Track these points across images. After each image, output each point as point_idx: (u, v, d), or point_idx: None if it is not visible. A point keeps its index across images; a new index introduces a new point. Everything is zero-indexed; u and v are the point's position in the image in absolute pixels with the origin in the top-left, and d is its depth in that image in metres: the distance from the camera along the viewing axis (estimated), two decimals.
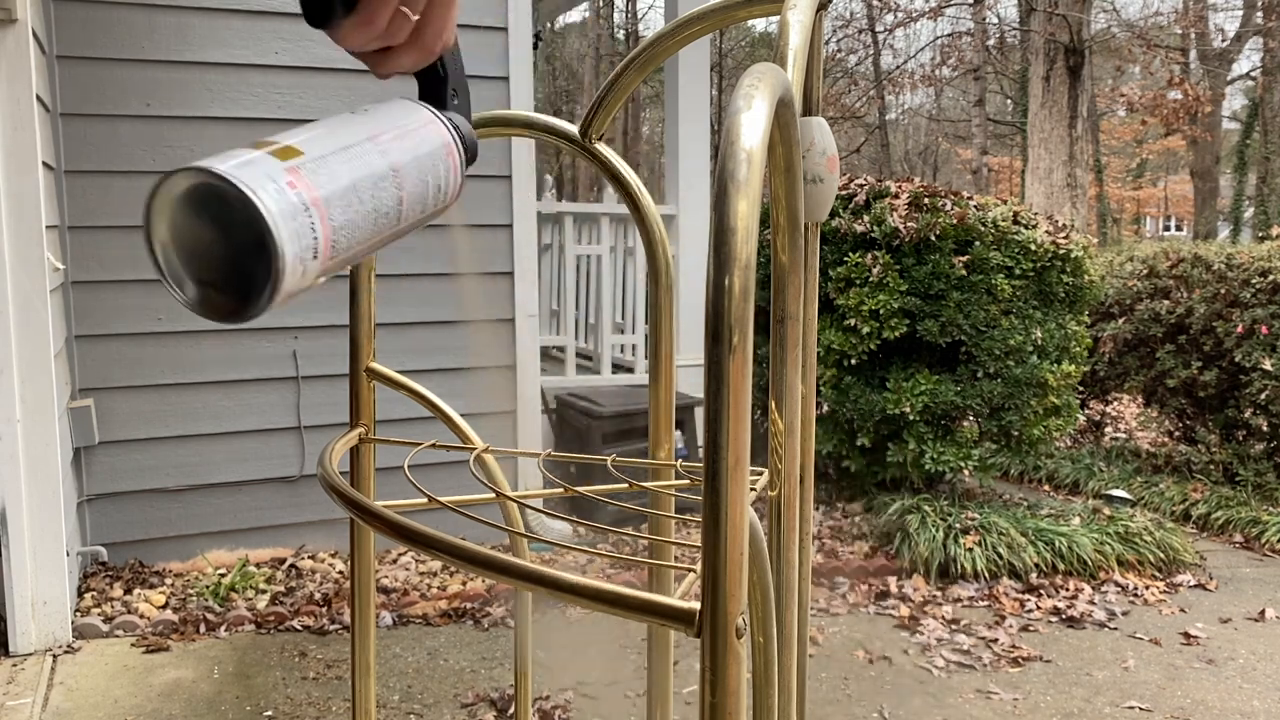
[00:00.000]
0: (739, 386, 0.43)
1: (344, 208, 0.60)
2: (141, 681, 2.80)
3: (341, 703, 2.71)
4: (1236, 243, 12.37)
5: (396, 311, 3.81)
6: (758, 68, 0.48)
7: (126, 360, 3.52)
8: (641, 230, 0.95)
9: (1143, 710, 2.76)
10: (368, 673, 0.99)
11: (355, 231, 0.62)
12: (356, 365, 0.96)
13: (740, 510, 0.43)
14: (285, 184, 0.57)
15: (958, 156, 24.81)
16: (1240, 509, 4.49)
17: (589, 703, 2.73)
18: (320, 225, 0.58)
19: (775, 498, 0.67)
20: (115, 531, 3.56)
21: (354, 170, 0.62)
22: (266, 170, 0.57)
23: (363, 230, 0.62)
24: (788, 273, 0.64)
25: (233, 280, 0.57)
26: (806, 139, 0.76)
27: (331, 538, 3.82)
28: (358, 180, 0.62)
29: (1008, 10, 23.15)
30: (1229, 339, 4.72)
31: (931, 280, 4.04)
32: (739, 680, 0.44)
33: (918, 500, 4.04)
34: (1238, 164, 19.14)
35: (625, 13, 23.74)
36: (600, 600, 0.48)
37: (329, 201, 0.59)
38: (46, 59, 3.29)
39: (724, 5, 0.83)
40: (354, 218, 0.61)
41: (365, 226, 0.63)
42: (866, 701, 2.79)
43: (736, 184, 0.43)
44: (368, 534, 0.98)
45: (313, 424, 3.76)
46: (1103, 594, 3.63)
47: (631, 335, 5.12)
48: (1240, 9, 18.87)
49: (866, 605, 3.51)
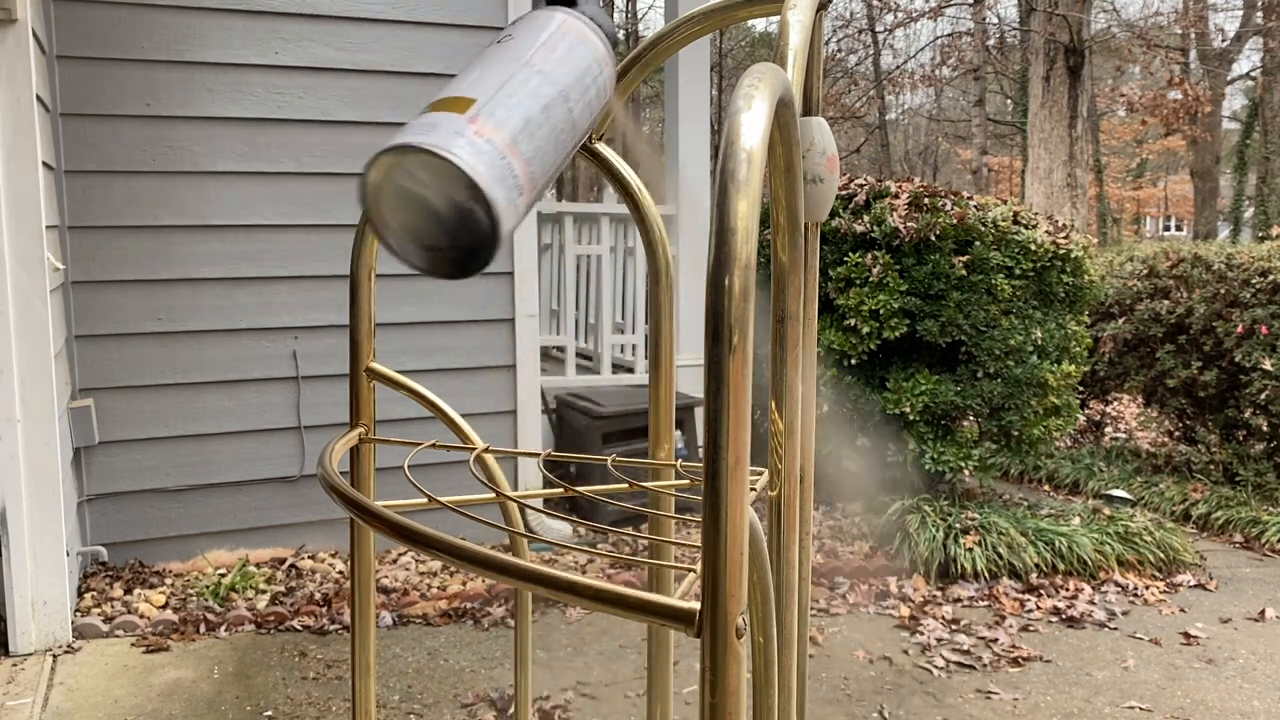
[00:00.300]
0: (739, 386, 0.43)
1: (528, 138, 0.64)
2: (141, 681, 2.80)
3: (341, 703, 2.71)
4: (1236, 243, 12.36)
5: (396, 311, 3.81)
6: (758, 68, 0.48)
7: (126, 360, 3.52)
8: (641, 230, 0.95)
9: (1143, 710, 2.76)
10: (368, 673, 0.99)
11: (545, 156, 0.65)
12: (356, 365, 0.96)
13: (740, 510, 0.43)
14: (473, 135, 0.61)
15: (958, 156, 24.80)
16: (1240, 509, 4.48)
17: (589, 703, 2.73)
18: (516, 163, 0.62)
19: (775, 498, 0.67)
20: (115, 531, 3.56)
21: (525, 102, 0.65)
22: (453, 128, 0.61)
23: (550, 153, 0.66)
24: (788, 273, 0.64)
25: (459, 236, 0.61)
26: (806, 139, 0.76)
27: (331, 538, 3.82)
28: (530, 110, 0.65)
29: (1008, 10, 23.17)
30: (1229, 339, 4.72)
31: (931, 280, 4.04)
32: (739, 680, 0.44)
33: (918, 500, 4.04)
34: (1238, 164, 19.13)
35: (625, 13, 23.73)
36: (600, 600, 0.48)
37: (515, 140, 0.63)
38: (46, 59, 3.29)
39: (724, 5, 0.83)
40: (540, 144, 0.65)
41: (550, 149, 0.66)
42: (866, 701, 2.79)
43: (736, 184, 0.43)
44: (368, 534, 0.98)
45: (313, 424, 3.76)
46: (1103, 594, 3.63)
47: (631, 335, 5.12)
48: (1240, 9, 18.87)
49: (866, 605, 3.51)
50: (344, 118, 3.71)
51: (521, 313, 4.01)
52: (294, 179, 3.67)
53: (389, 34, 3.75)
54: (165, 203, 3.53)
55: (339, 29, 3.70)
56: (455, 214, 0.60)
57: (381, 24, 3.74)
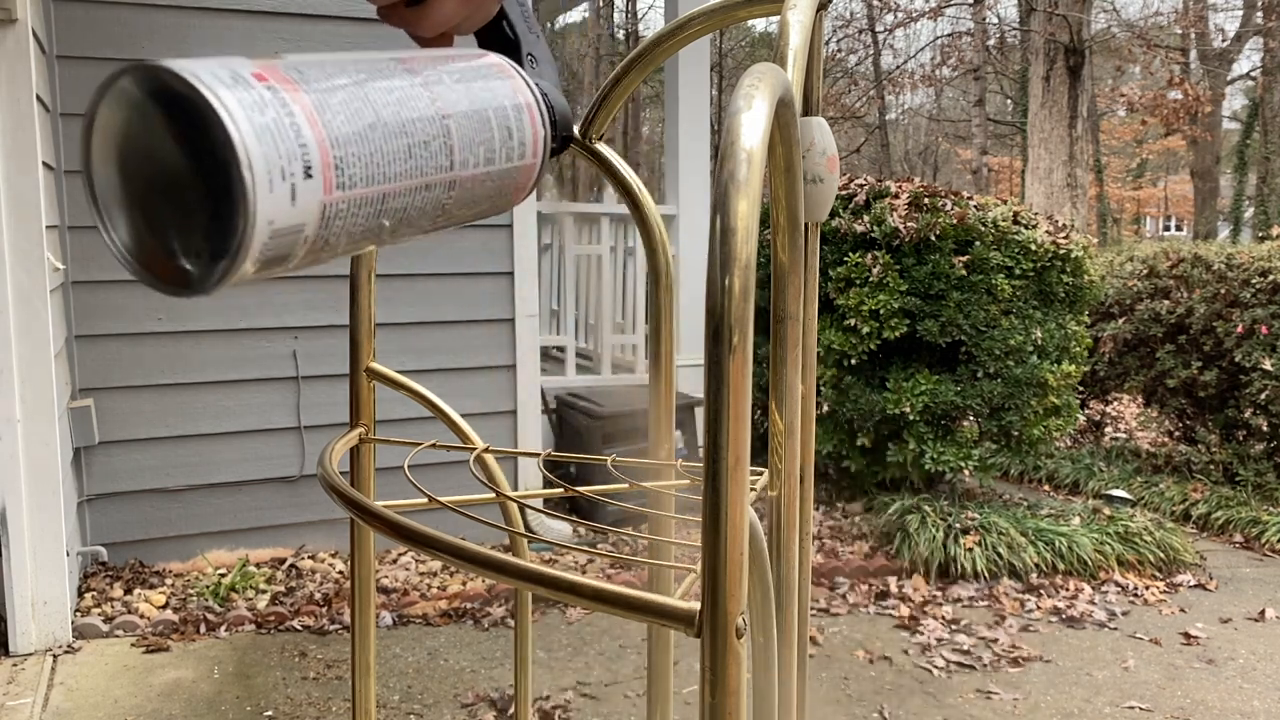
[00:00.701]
0: (739, 386, 0.43)
1: (348, 115, 0.44)
2: (141, 681, 2.80)
3: (341, 703, 2.71)
4: (1236, 243, 12.37)
5: (396, 311, 3.81)
6: (758, 68, 0.48)
7: (126, 360, 3.52)
8: (642, 230, 0.95)
9: (1143, 710, 2.76)
10: (368, 673, 0.99)
11: (377, 156, 0.45)
12: (356, 365, 0.96)
13: (740, 510, 0.43)
14: (249, 74, 0.42)
15: (958, 156, 24.81)
16: (1240, 509, 4.48)
17: (589, 703, 2.73)
18: (307, 126, 0.42)
19: (775, 498, 0.67)
20: (115, 531, 3.56)
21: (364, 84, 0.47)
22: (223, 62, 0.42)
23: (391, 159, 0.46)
24: (788, 273, 0.64)
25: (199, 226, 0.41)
26: (806, 139, 0.76)
27: (331, 538, 3.82)
28: (371, 95, 0.47)
29: (1008, 10, 23.15)
30: (1229, 339, 4.72)
31: (931, 280, 4.04)
32: (739, 680, 0.44)
33: (918, 500, 4.04)
34: (1238, 164, 19.14)
35: (625, 13, 23.74)
36: (600, 600, 0.48)
37: (322, 106, 0.43)
38: (46, 59, 3.29)
39: (724, 5, 0.83)
40: (369, 133, 0.45)
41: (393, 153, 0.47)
42: (866, 701, 2.79)
43: (736, 184, 0.43)
44: (368, 534, 0.98)
45: (313, 424, 3.76)
46: (1103, 594, 3.63)
47: (631, 335, 5.11)
48: (1240, 9, 18.88)
49: (866, 605, 3.51)
50: None
51: (521, 313, 4.01)
52: None
53: (389, 34, 3.73)
54: None
55: (339, 29, 3.69)
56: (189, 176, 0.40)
57: (382, 24, 3.74)
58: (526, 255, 4.01)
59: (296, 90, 0.43)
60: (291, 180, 0.41)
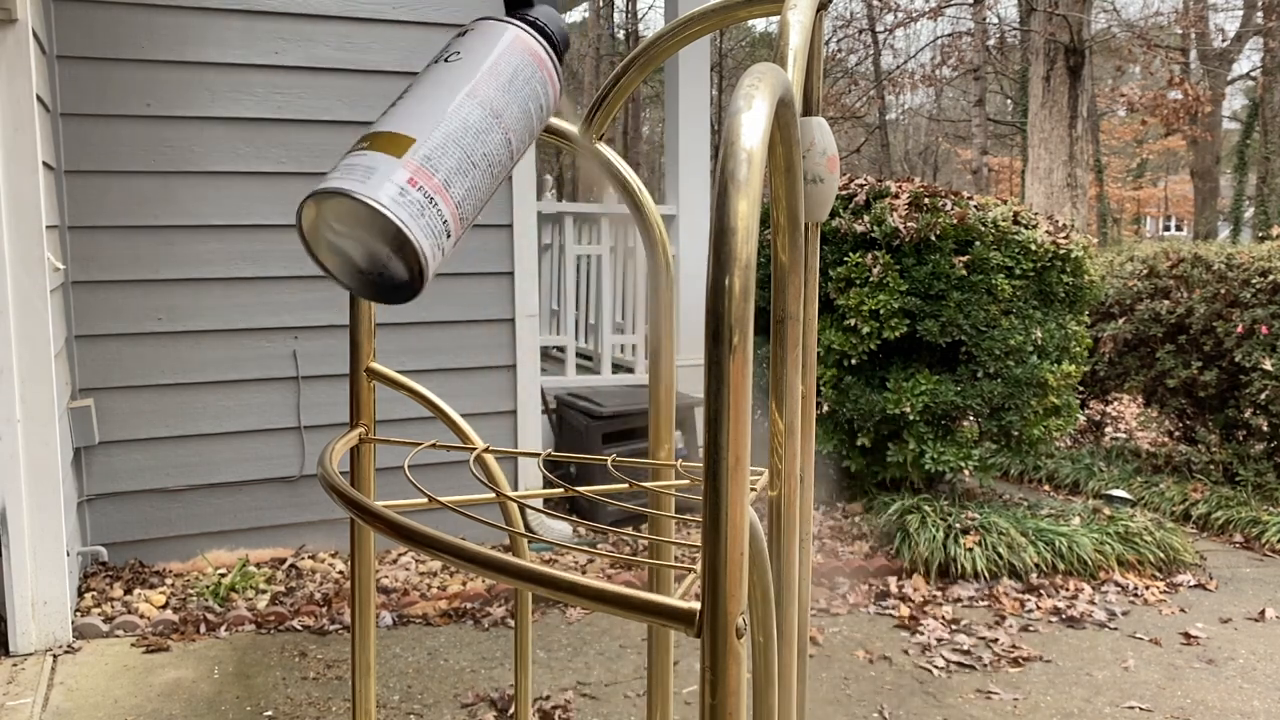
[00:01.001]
0: (739, 386, 0.43)
1: (461, 178, 0.64)
2: (141, 681, 2.80)
3: (341, 703, 2.71)
4: (1236, 243, 12.36)
5: (396, 311, 3.81)
6: (758, 68, 0.48)
7: (126, 360, 3.52)
8: (642, 230, 0.95)
9: (1143, 710, 2.76)
10: (368, 673, 0.99)
11: (476, 193, 0.66)
12: (356, 365, 0.96)
13: (740, 510, 0.43)
14: (406, 183, 0.61)
15: (958, 156, 24.80)
16: (1240, 509, 4.48)
17: (589, 703, 2.73)
18: (447, 208, 0.63)
19: (775, 498, 0.67)
20: (115, 531, 3.56)
21: (462, 139, 0.65)
22: (387, 174, 0.61)
23: (482, 188, 0.66)
24: (788, 273, 0.64)
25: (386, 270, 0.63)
26: (806, 139, 0.76)
27: (331, 538, 3.82)
28: (468, 148, 0.65)
29: (1008, 10, 23.17)
30: (1229, 339, 4.72)
31: (931, 280, 4.04)
32: (739, 680, 0.44)
33: (918, 500, 4.04)
34: (1238, 164, 19.13)
35: (625, 13, 23.74)
36: (600, 600, 0.48)
37: (449, 184, 0.63)
38: (46, 59, 3.29)
39: (724, 5, 0.83)
40: (473, 183, 0.65)
41: (483, 183, 0.66)
42: (866, 701, 2.79)
43: (736, 184, 0.43)
44: (368, 534, 0.98)
45: (313, 424, 3.76)
46: (1103, 594, 3.63)
47: (631, 335, 5.11)
48: (1240, 9, 18.87)
49: (866, 605, 3.51)
50: (344, 118, 3.71)
51: (521, 313, 4.01)
52: (294, 179, 3.67)
53: (389, 34, 3.75)
54: (165, 202, 3.52)
55: (339, 29, 3.70)
56: (385, 252, 0.62)
57: (381, 24, 3.74)
58: (526, 255, 4.01)
59: (433, 180, 0.63)
60: (441, 248, 0.64)
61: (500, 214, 3.95)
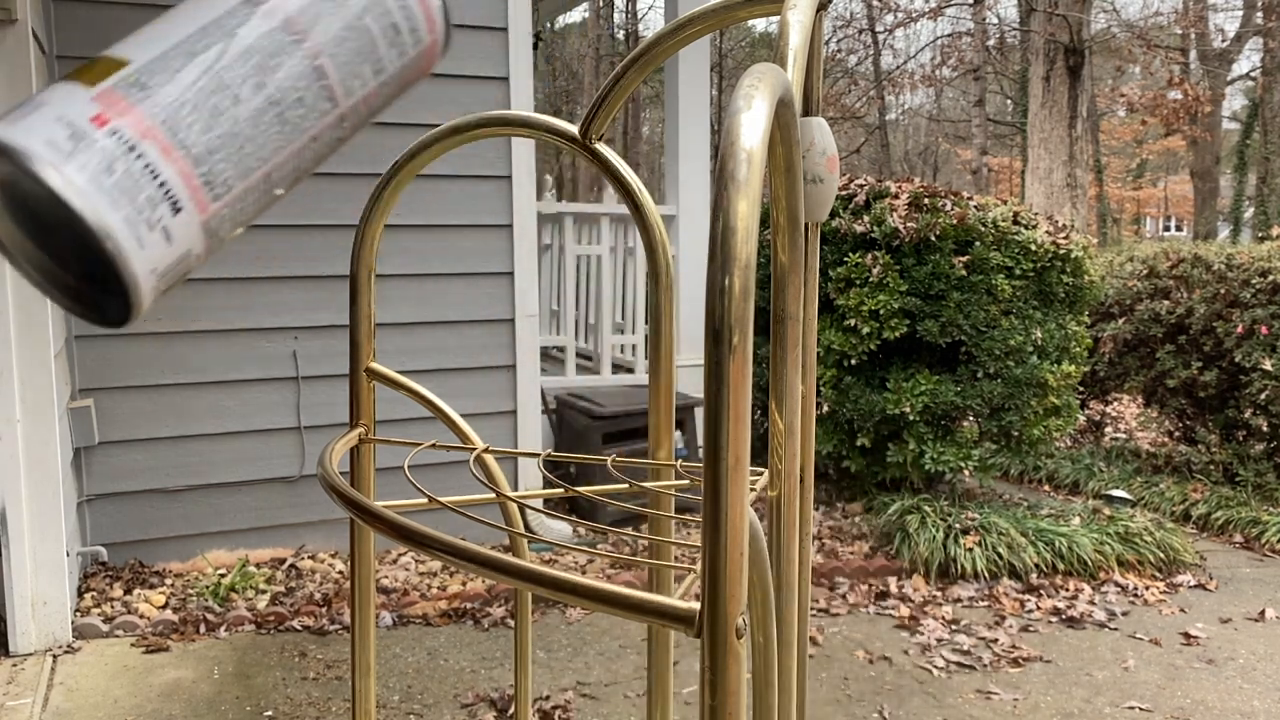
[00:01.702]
0: (739, 386, 0.43)
1: (212, 120, 0.39)
2: (141, 682, 2.80)
3: (341, 703, 2.71)
4: (1236, 243, 12.37)
5: (396, 311, 3.81)
6: (758, 68, 0.48)
7: (126, 360, 3.52)
8: (642, 231, 0.95)
9: (1143, 710, 2.76)
10: (368, 673, 0.99)
11: (252, 145, 0.40)
12: (356, 365, 0.96)
13: (740, 510, 0.43)
14: (88, 121, 0.37)
15: (958, 157, 24.80)
16: (1240, 509, 4.48)
17: (589, 703, 2.73)
18: (166, 162, 0.38)
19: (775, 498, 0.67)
20: (115, 531, 3.56)
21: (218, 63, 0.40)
22: (57, 109, 0.37)
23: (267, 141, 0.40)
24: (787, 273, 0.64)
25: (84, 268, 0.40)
26: (806, 139, 0.76)
27: (331, 538, 3.82)
28: (230, 75, 0.40)
29: (1008, 10, 23.17)
30: (1229, 339, 4.72)
31: (931, 280, 4.04)
32: (739, 680, 0.44)
33: (918, 500, 4.04)
34: (1238, 164, 19.13)
35: (625, 13, 23.74)
36: (600, 600, 0.48)
37: (177, 126, 0.38)
38: (46, 59, 3.29)
39: (724, 5, 0.83)
40: (244, 131, 0.40)
41: (270, 133, 0.41)
42: (866, 702, 2.79)
43: (736, 184, 0.43)
44: (368, 534, 0.98)
45: (313, 424, 3.76)
46: (1103, 594, 3.63)
47: (631, 335, 5.11)
48: (1240, 9, 18.88)
49: (866, 605, 3.51)
50: None
51: (521, 313, 4.01)
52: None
53: None
54: None
55: None
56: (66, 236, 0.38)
57: None
58: (526, 255, 4.01)
59: (142, 118, 0.38)
60: (161, 224, 0.39)
61: (500, 214, 3.95)
